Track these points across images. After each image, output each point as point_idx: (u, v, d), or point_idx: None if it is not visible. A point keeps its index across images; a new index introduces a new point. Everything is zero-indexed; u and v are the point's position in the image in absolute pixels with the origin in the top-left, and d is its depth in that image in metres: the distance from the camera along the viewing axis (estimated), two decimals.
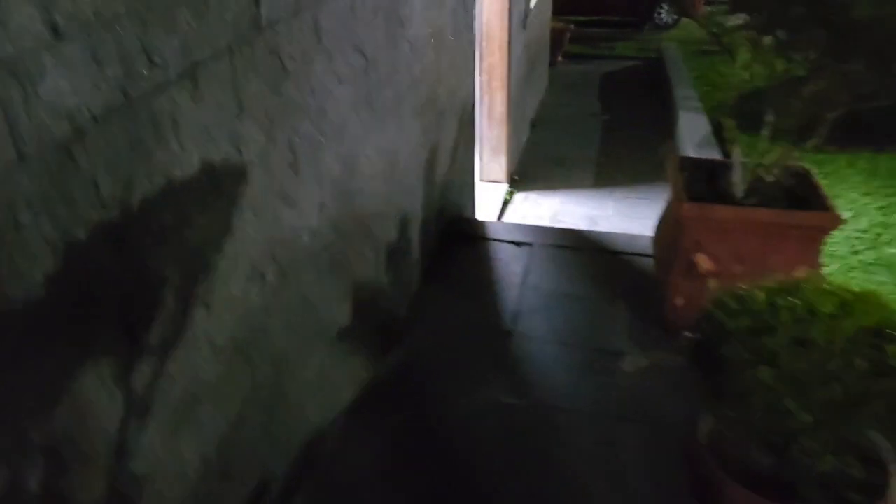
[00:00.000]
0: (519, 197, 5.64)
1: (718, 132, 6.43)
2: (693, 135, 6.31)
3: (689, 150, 5.96)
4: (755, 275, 2.43)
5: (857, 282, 3.85)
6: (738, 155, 2.62)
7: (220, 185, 1.46)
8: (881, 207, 4.80)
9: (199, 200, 1.39)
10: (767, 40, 2.56)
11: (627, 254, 3.37)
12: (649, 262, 3.24)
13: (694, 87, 8.00)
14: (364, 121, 2.23)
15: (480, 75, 5.30)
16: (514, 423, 2.32)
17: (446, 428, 2.31)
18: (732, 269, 2.47)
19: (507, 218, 5.24)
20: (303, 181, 1.84)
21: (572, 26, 10.08)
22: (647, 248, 3.31)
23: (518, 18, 5.50)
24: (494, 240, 3.52)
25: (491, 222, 3.97)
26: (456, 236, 3.51)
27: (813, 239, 2.40)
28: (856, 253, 4.29)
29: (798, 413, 1.29)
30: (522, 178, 5.99)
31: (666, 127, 7.35)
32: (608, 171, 6.24)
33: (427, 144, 3.01)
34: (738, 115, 6.98)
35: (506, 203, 5.48)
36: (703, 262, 2.49)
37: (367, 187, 2.32)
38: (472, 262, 3.36)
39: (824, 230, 2.40)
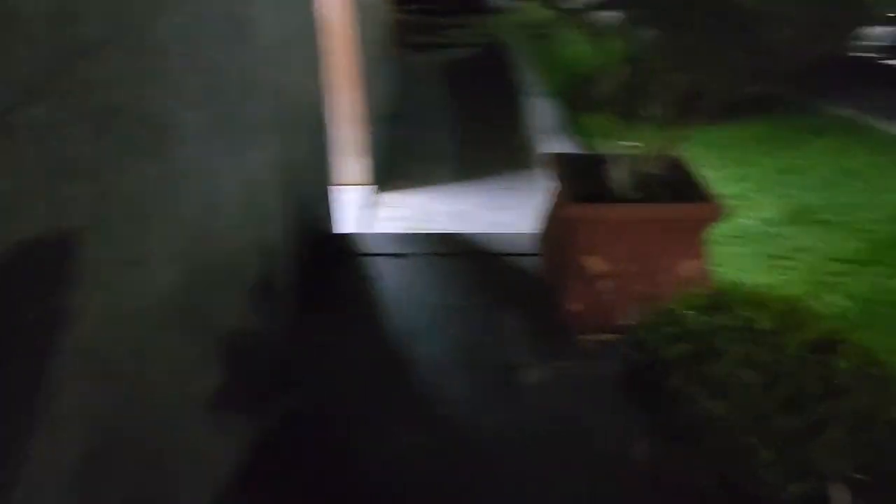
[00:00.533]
0: (383, 199, 5.41)
1: (568, 116, 6.54)
2: (546, 120, 6.36)
3: (545, 137, 5.99)
4: (649, 272, 2.38)
5: (719, 254, 3.99)
6: (620, 149, 2.54)
7: (41, 265, 1.12)
8: (729, 177, 5.05)
9: (14, 291, 1.04)
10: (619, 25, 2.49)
11: (511, 255, 3.25)
12: (534, 261, 3.13)
13: (537, 71, 8.12)
14: (220, 148, 1.90)
15: (328, 74, 5.00)
16: (434, 465, 2.11)
17: (355, 486, 2.06)
18: (626, 268, 2.40)
19: (375, 223, 4.99)
20: (150, 236, 1.50)
21: (412, 15, 9.94)
22: (530, 246, 3.20)
23: (360, 11, 5.23)
24: (370, 254, 3.28)
25: (363, 234, 3.72)
26: (328, 256, 3.23)
27: (698, 231, 2.37)
28: None
29: (759, 448, 1.18)
30: (384, 177, 5.75)
31: (517, 113, 7.40)
32: (469, 163, 6.15)
33: (286, 161, 2.70)
34: (580, 98, 7.15)
35: (371, 207, 5.22)
36: (596, 263, 2.40)
37: (228, 224, 2.00)
38: (349, 282, 3.10)
39: (709, 221, 2.37)
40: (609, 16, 2.75)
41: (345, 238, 3.61)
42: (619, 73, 2.82)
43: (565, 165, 2.72)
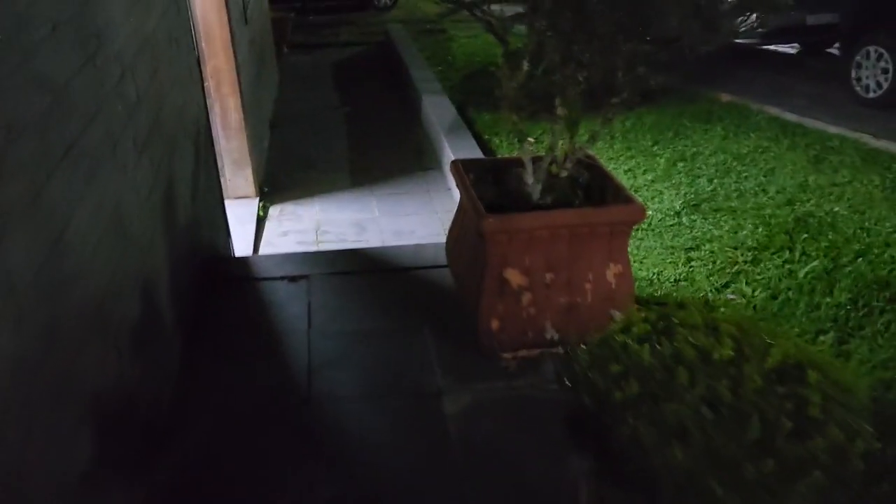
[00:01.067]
0: (274, 211, 5.05)
1: (463, 113, 6.39)
2: (441, 119, 6.18)
3: (441, 135, 5.81)
4: (570, 281, 2.22)
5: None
6: (526, 152, 2.37)
7: None
8: (627, 170, 5.04)
9: None
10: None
11: (417, 268, 3.03)
12: (442, 274, 2.93)
13: (432, 68, 7.94)
14: (66, 176, 1.57)
15: (206, 81, 4.59)
16: None
17: None
18: (544, 279, 2.23)
19: (266, 239, 4.63)
20: None
21: (293, 14, 9.51)
22: (436, 257, 2.99)
23: (238, 12, 4.85)
24: (265, 278, 2.97)
25: (256, 257, 3.38)
26: (217, 283, 2.89)
27: (621, 234, 2.24)
28: None
29: (726, 499, 1.02)
30: (273, 188, 5.39)
31: (410, 112, 7.18)
32: (362, 168, 5.88)
33: (160, 182, 2.36)
34: (478, 95, 7.01)
35: (261, 221, 4.86)
36: (514, 276, 2.22)
37: (87, 263, 1.67)
38: (242, 312, 2.78)
39: (630, 224, 2.24)
40: (505, 8, 2.58)
41: (237, 262, 3.27)
42: (518, 68, 2.66)
43: (471, 172, 2.52)
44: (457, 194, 5.35)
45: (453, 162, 2.58)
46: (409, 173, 5.73)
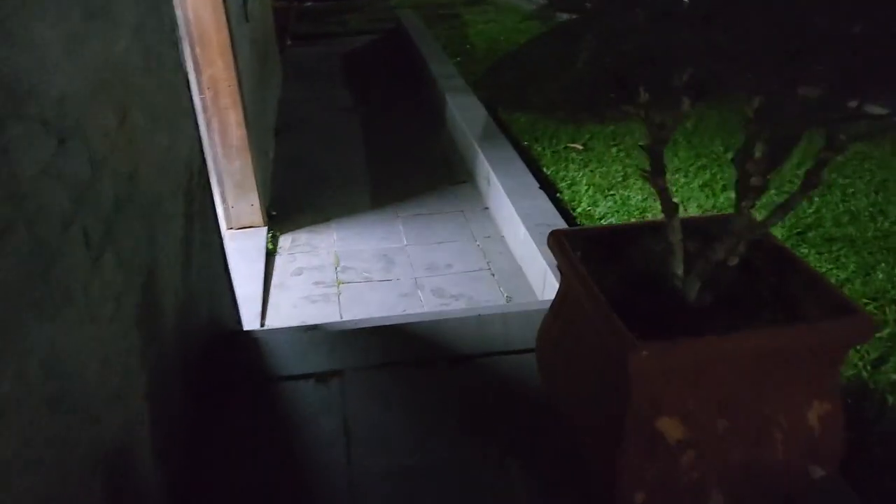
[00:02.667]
0: (285, 242, 4.29)
1: (494, 114, 5.60)
2: (471, 123, 5.40)
3: (474, 142, 5.03)
4: (749, 429, 1.47)
5: None
6: (676, 226, 1.61)
7: None
8: (703, 185, 4.26)
9: None
10: None
11: (487, 355, 2.27)
12: (523, 364, 2.18)
13: (452, 59, 7.13)
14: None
15: (202, 93, 3.82)
16: None
17: None
18: (714, 427, 1.48)
19: (277, 280, 3.88)
20: None
21: (296, 2, 8.67)
22: (508, 335, 2.25)
23: (237, 8, 4.05)
24: (285, 377, 2.22)
25: (270, 335, 2.60)
26: (222, 388, 2.15)
27: (832, 362, 1.48)
28: None
29: None
30: (282, 211, 4.63)
31: (432, 113, 6.39)
32: (384, 182, 5.11)
33: (134, 281, 1.60)
34: (499, 89, 6.21)
35: (270, 256, 4.10)
36: (671, 428, 1.46)
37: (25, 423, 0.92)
38: (253, 439, 2.04)
39: (850, 345, 1.49)
40: None
41: (246, 344, 2.51)
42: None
43: (578, 246, 1.77)
44: (500, 216, 4.60)
45: (554, 234, 1.82)
46: (438, 189, 4.96)
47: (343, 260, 4.07)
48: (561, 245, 1.75)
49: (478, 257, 4.08)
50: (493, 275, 3.89)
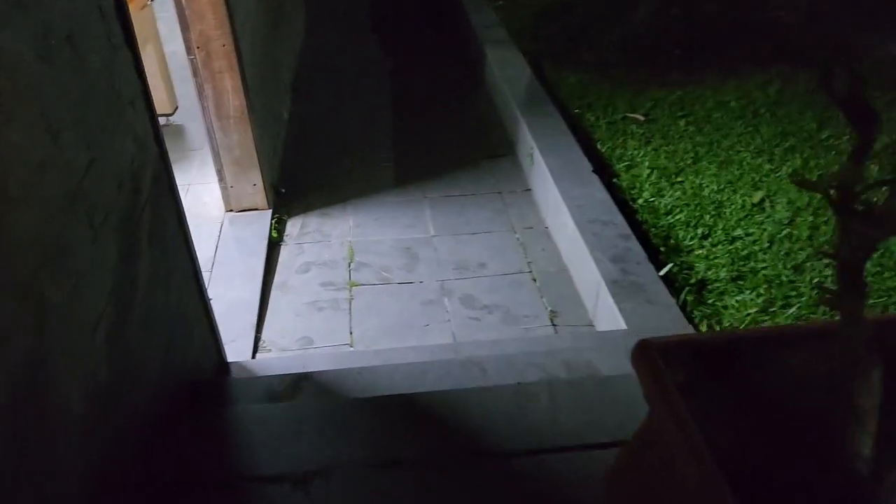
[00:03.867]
0: (292, 228, 3.70)
1: (539, 72, 4.85)
2: (513, 84, 4.67)
3: (516, 110, 4.32)
4: None
5: None
6: (877, 380, 0.95)
7: None
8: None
9: None
10: None
11: (530, 454, 1.67)
12: (578, 467, 1.57)
13: (489, 5, 6.31)
14: None
15: (190, 53, 3.18)
16: None
17: None
18: None
19: (280, 280, 3.30)
20: None
21: None
22: (561, 420, 1.64)
23: None
24: (250, 479, 1.65)
25: (244, 410, 2.01)
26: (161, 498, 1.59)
27: None
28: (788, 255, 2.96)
29: None
30: (292, 188, 4.02)
31: (469, 67, 5.65)
32: (411, 153, 4.45)
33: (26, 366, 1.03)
34: (546, 41, 5.42)
35: (273, 247, 3.52)
36: None
37: None
38: None
39: None
40: None
41: (206, 419, 1.93)
42: None
43: (673, 363, 1.12)
44: (544, 202, 3.91)
45: (641, 347, 1.17)
46: (473, 164, 4.29)
47: (358, 254, 3.47)
48: (652, 367, 1.11)
49: (517, 255, 3.44)
50: (535, 279, 3.26)
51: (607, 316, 2.78)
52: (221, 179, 3.58)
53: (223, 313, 2.95)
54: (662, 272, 2.88)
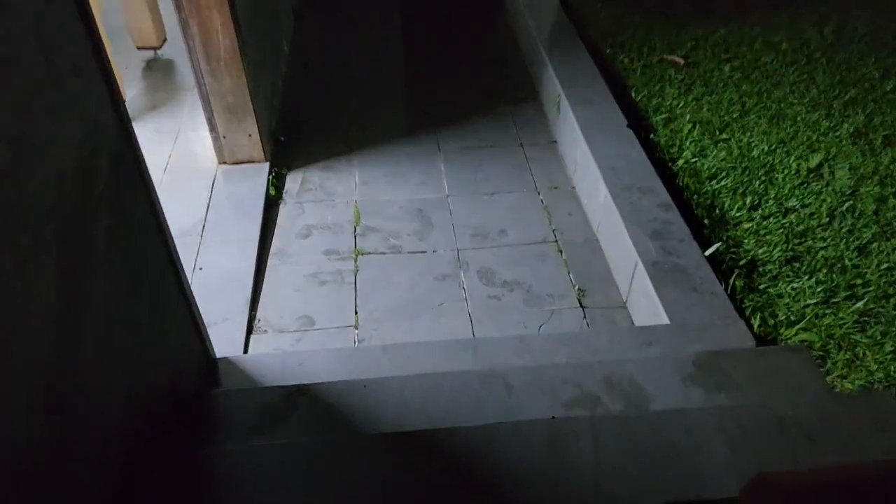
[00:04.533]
0: (292, 183, 3.35)
1: (566, 4, 4.37)
2: (537, 17, 4.20)
3: (540, 48, 3.88)
4: None
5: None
6: None
7: None
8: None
9: None
10: None
11: None
12: None
13: None
14: None
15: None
16: None
17: None
18: None
19: (278, 246, 2.98)
20: None
21: None
22: (607, 474, 1.36)
23: None
24: None
25: (217, 449, 1.72)
26: None
27: None
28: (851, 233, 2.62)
29: None
30: (293, 136, 3.65)
31: (487, 6, 5.13)
32: (425, 96, 4.04)
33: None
34: None
35: (271, 207, 3.18)
36: None
37: None
38: None
39: None
40: None
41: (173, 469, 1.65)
42: None
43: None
44: (571, 158, 3.51)
45: (763, 486, 0.84)
46: (492, 109, 3.88)
47: (365, 216, 3.13)
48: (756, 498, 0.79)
49: (540, 220, 3.10)
50: (561, 250, 2.93)
51: (644, 303, 2.47)
52: (213, 129, 3.21)
53: (215, 288, 2.66)
54: (709, 252, 2.54)
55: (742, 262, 2.53)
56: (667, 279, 2.42)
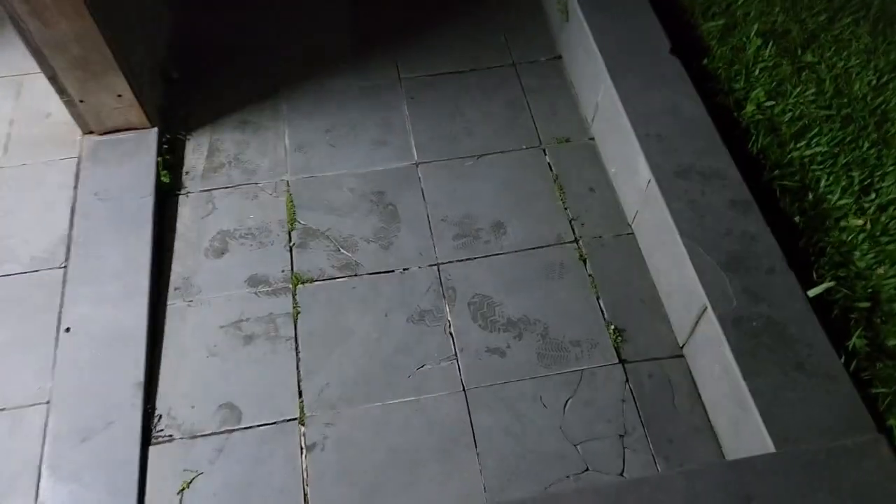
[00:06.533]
0: (194, 160, 2.36)
1: None
2: None
3: None
4: None
5: None
6: None
7: None
8: None
9: None
10: None
11: None
12: None
13: None
14: None
15: None
16: None
17: None
18: None
19: (180, 278, 2.07)
20: None
21: None
22: None
23: None
24: None
25: None
26: None
27: None
28: None
29: None
30: (190, 68, 2.58)
31: None
32: (372, 30, 2.90)
33: None
34: None
35: (165, 199, 2.23)
36: None
37: None
38: None
39: None
40: None
41: None
42: None
43: None
44: (586, 92, 2.39)
45: None
46: (467, 8, 2.78)
47: (302, 209, 2.21)
48: None
49: (550, 201, 2.21)
50: (584, 258, 2.08)
51: (716, 386, 1.68)
52: (62, 92, 2.16)
53: (90, 362, 1.81)
54: (814, 293, 1.71)
55: (860, 301, 1.72)
56: (757, 350, 1.62)
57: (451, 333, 1.93)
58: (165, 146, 2.30)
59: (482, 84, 2.53)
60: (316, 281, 2.04)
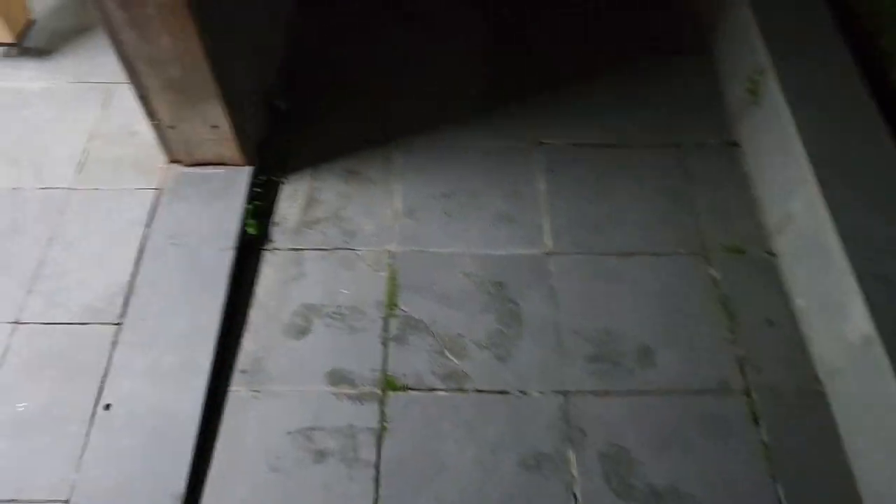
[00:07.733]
0: (290, 205, 2.00)
1: None
2: None
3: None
4: None
5: None
6: None
7: None
8: None
9: None
10: None
11: None
12: None
13: None
14: None
15: None
16: None
17: None
18: None
19: (249, 364, 1.70)
20: None
21: None
22: None
23: None
24: None
25: None
26: None
27: None
28: None
29: None
30: (298, 100, 2.24)
31: None
32: (510, 37, 2.52)
33: None
34: None
35: (247, 257, 1.87)
36: None
37: None
38: None
39: None
40: None
41: None
42: None
43: None
44: (771, 186, 1.80)
45: None
46: (622, 67, 2.36)
47: (406, 290, 1.81)
48: None
49: (713, 330, 1.74)
50: (756, 418, 1.59)
51: None
52: (152, 116, 1.84)
53: (126, 456, 1.45)
54: None
55: None
56: None
57: (574, 494, 1.48)
58: (257, 189, 1.95)
59: (636, 163, 2.09)
60: (411, 390, 1.63)
